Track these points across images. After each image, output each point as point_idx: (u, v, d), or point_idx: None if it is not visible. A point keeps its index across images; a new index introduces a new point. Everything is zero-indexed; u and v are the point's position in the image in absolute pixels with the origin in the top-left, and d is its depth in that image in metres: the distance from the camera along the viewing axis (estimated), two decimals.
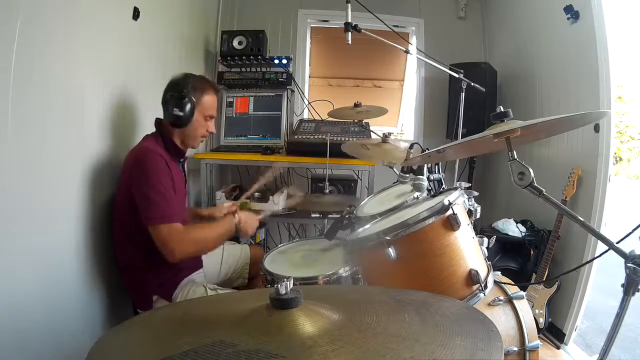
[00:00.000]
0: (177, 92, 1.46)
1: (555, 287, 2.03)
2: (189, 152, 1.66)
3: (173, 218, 1.32)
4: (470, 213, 1.12)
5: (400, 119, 3.56)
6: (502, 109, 0.88)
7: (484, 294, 1.00)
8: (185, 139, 1.54)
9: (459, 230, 0.99)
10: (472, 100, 2.31)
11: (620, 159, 10.67)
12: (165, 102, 1.48)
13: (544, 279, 2.03)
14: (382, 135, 1.82)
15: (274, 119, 2.66)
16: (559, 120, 0.84)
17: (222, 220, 1.48)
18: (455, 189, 1.11)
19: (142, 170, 1.35)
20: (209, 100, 1.52)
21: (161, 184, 1.34)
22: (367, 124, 2.31)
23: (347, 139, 2.22)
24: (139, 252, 1.41)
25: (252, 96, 2.70)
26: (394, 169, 1.67)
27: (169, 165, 1.41)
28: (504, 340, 1.15)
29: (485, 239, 1.11)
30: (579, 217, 0.86)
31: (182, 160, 1.60)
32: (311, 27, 3.17)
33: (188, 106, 1.45)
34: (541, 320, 2.01)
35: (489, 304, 1.20)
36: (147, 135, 1.54)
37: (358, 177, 2.60)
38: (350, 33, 1.62)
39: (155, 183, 1.33)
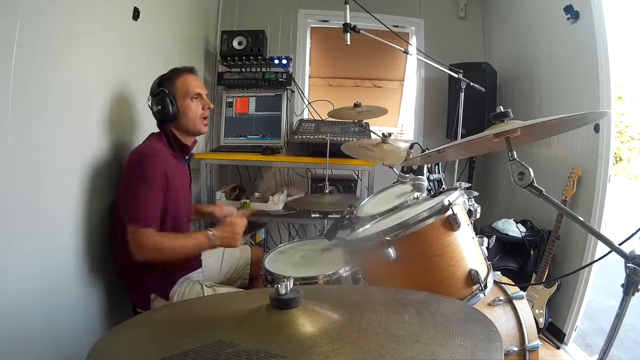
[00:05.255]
0: (151, 93, 1.50)
1: (555, 287, 2.03)
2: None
3: (146, 221, 1.31)
4: (470, 213, 1.12)
5: (400, 119, 3.56)
6: (502, 109, 0.88)
7: (484, 294, 1.00)
8: (185, 127, 1.52)
9: (459, 231, 0.99)
10: (472, 100, 2.31)
11: (620, 159, 10.66)
12: (150, 108, 1.51)
13: (544, 279, 2.03)
14: (382, 135, 1.82)
15: (274, 119, 2.66)
16: (559, 120, 0.84)
17: (196, 234, 1.43)
18: (455, 189, 1.11)
19: (134, 169, 1.37)
20: (183, 81, 1.50)
21: (146, 185, 1.34)
22: (367, 124, 2.31)
23: (347, 139, 2.22)
24: None
25: (252, 96, 2.70)
26: (394, 169, 1.67)
27: (167, 164, 1.41)
28: (504, 340, 1.15)
29: (485, 239, 1.11)
30: (579, 217, 0.86)
31: (187, 157, 1.60)
32: (311, 27, 3.16)
33: (165, 98, 1.46)
34: (541, 320, 2.01)
35: (489, 304, 1.20)
36: (152, 133, 1.55)
37: (358, 177, 2.60)
38: (349, 34, 1.62)
39: (139, 183, 1.34)
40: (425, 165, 1.43)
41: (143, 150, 1.42)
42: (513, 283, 1.33)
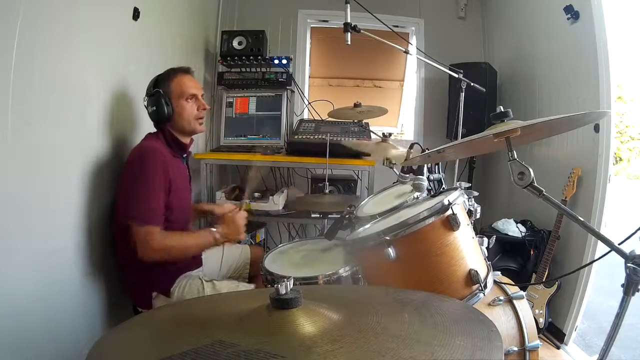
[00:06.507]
0: (147, 93, 1.51)
1: (555, 287, 2.03)
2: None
3: (152, 220, 1.32)
4: (470, 213, 1.12)
5: (400, 119, 3.56)
6: (502, 109, 0.88)
7: (484, 293, 1.00)
8: (181, 127, 1.53)
9: (459, 230, 0.99)
10: (472, 100, 2.31)
11: (620, 159, 10.67)
12: (146, 108, 1.52)
13: (544, 279, 2.03)
14: (382, 135, 1.82)
15: (274, 119, 2.66)
16: (559, 120, 0.84)
17: (200, 233, 1.45)
18: (455, 189, 1.12)
19: (134, 168, 1.37)
20: (178, 82, 1.51)
21: (149, 183, 1.34)
22: (367, 124, 2.31)
23: (347, 139, 2.22)
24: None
25: (252, 96, 2.70)
26: (394, 169, 1.67)
27: (168, 164, 1.41)
28: (504, 340, 1.15)
29: (485, 239, 1.11)
30: (579, 217, 0.86)
31: (185, 155, 1.60)
32: (311, 27, 3.16)
33: (159, 98, 1.46)
34: (541, 320, 2.01)
35: (489, 304, 1.20)
36: (149, 133, 1.55)
37: (358, 177, 2.60)
38: (349, 34, 1.62)
39: (143, 182, 1.34)
40: (425, 165, 1.43)
41: (142, 149, 1.43)
42: (513, 283, 1.33)
